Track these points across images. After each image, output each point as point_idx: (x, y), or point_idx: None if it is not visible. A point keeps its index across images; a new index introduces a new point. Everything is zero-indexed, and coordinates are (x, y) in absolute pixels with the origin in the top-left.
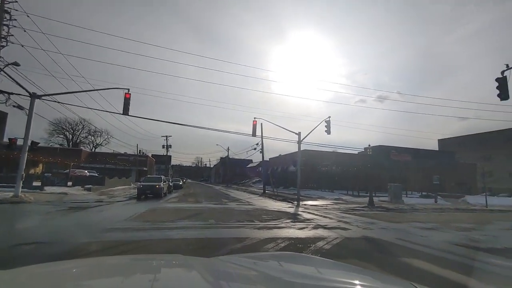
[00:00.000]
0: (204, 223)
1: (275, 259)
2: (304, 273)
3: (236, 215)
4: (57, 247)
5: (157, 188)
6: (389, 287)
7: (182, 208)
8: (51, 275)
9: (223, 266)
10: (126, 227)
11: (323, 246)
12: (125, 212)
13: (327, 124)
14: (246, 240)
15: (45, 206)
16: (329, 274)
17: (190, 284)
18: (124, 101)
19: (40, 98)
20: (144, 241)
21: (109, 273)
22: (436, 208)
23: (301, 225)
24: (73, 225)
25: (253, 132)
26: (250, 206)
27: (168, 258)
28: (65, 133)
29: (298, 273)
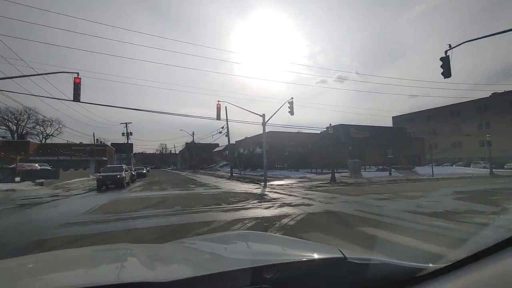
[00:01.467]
0: (169, 210)
1: (232, 238)
2: (247, 251)
3: (203, 199)
4: (7, 248)
5: (118, 178)
6: (316, 254)
7: (146, 197)
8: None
9: (170, 250)
10: (86, 221)
11: (288, 222)
12: (84, 205)
13: (290, 105)
14: (212, 223)
15: None
16: (270, 249)
17: (124, 273)
18: (74, 86)
19: None
20: (106, 233)
21: (45, 268)
22: (390, 180)
23: (267, 205)
24: (24, 223)
25: (217, 116)
26: (218, 190)
27: (113, 248)
28: (7, 124)
29: (242, 250)
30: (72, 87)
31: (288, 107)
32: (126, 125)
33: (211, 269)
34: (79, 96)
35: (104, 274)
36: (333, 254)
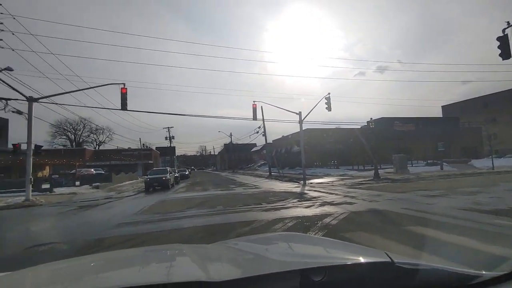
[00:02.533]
0: (212, 210)
1: (275, 240)
2: (292, 252)
3: (243, 199)
4: (70, 246)
5: (164, 179)
6: (363, 258)
7: (190, 197)
8: (54, 274)
9: (218, 251)
10: (137, 221)
11: (330, 222)
12: (134, 206)
13: (327, 101)
14: (254, 223)
15: (56, 208)
16: (313, 251)
17: (178, 273)
18: (121, 96)
19: (37, 101)
20: (155, 233)
21: (105, 267)
22: (442, 175)
23: (307, 204)
24: (84, 223)
25: (253, 116)
26: (257, 189)
27: (166, 248)
28: (67, 134)
29: (288, 253)
30: (120, 97)
31: (325, 103)
32: (169, 129)
33: (259, 270)
34: (126, 104)
35: (160, 272)
36: (379, 258)
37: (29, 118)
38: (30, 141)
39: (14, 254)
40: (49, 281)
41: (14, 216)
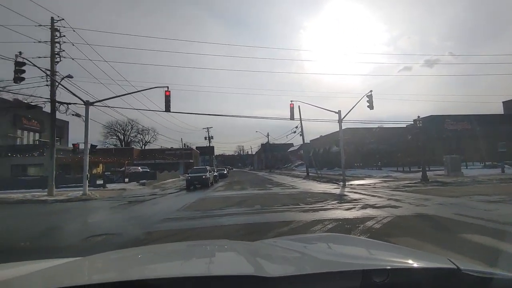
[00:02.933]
0: (250, 209)
1: (317, 240)
2: (343, 253)
3: (281, 199)
4: (122, 237)
5: (204, 178)
6: (424, 263)
7: (229, 196)
8: (116, 261)
9: (265, 248)
10: (180, 217)
11: (373, 225)
12: (177, 203)
13: (369, 98)
14: (292, 223)
15: (108, 202)
16: (367, 253)
17: (232, 266)
18: (165, 98)
19: (93, 104)
20: (197, 228)
21: (161, 258)
22: (504, 178)
23: (348, 206)
24: (134, 217)
25: (291, 116)
26: (294, 190)
27: (215, 243)
28: (117, 134)
29: (337, 253)
30: (164, 99)
31: (367, 101)
32: (208, 129)
33: (315, 268)
34: (169, 106)
35: (214, 266)
36: (443, 264)
37: (86, 120)
38: (87, 141)
39: (74, 243)
40: (106, 269)
41: (74, 208)
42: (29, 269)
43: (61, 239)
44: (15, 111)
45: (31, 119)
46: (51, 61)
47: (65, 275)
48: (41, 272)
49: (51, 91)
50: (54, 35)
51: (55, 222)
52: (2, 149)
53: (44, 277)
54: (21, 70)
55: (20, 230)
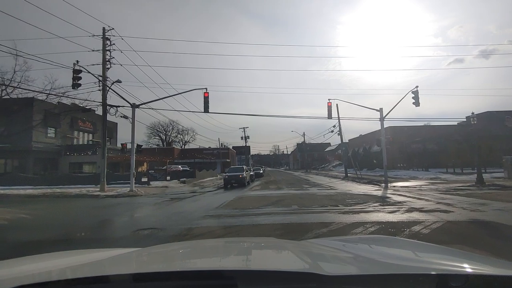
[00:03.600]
0: (287, 208)
1: (365, 241)
2: (399, 255)
3: (318, 200)
4: (167, 232)
5: (240, 177)
6: (498, 270)
7: (265, 195)
8: (166, 254)
9: (314, 247)
10: (219, 214)
11: (420, 230)
12: (215, 201)
13: (415, 95)
14: (331, 225)
15: (152, 198)
16: (429, 257)
17: (288, 263)
18: (204, 100)
19: (138, 107)
20: (236, 226)
21: (218, 252)
22: None
23: (391, 209)
24: (176, 213)
25: (328, 114)
26: (333, 191)
27: (264, 241)
28: (159, 135)
29: (392, 255)
30: (203, 101)
31: (412, 97)
32: (244, 129)
33: (376, 269)
34: (208, 107)
35: (272, 261)
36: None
37: (132, 122)
38: (134, 141)
39: (125, 235)
40: (172, 259)
41: (122, 203)
42: (97, 257)
43: (114, 231)
44: (73, 114)
45: (86, 121)
46: (102, 67)
47: (137, 263)
48: (114, 258)
49: (103, 95)
50: (105, 43)
51: (107, 215)
52: (62, 148)
53: (118, 264)
54: (78, 77)
55: (79, 221)
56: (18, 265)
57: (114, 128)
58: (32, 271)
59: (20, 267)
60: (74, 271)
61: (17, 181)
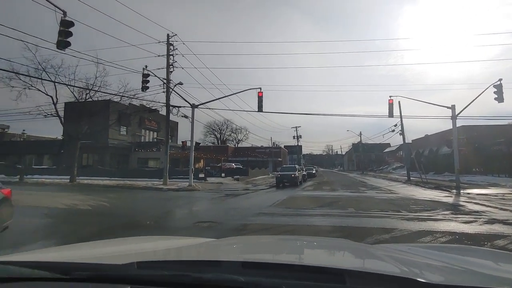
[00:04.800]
0: (343, 211)
1: (446, 250)
2: (496, 267)
3: (377, 203)
4: (223, 226)
5: (293, 177)
6: None
7: (319, 196)
8: (260, 246)
9: (396, 253)
10: (272, 212)
11: (506, 245)
12: (268, 199)
13: (498, 89)
14: (394, 231)
15: (209, 193)
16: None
17: (384, 267)
18: (258, 99)
19: (197, 107)
20: (290, 225)
21: (307, 249)
22: None
23: (466, 218)
24: (231, 208)
25: (389, 113)
26: (393, 195)
27: (341, 241)
28: (214, 133)
29: (487, 266)
30: (257, 100)
31: (494, 92)
32: (296, 128)
33: (480, 282)
34: (262, 107)
35: (367, 263)
36: None
37: (192, 121)
38: (193, 139)
39: (187, 226)
40: (246, 251)
41: (182, 197)
42: (183, 243)
43: (177, 221)
44: (141, 114)
45: (151, 120)
46: (166, 71)
47: (241, 251)
48: (211, 245)
49: (167, 97)
50: (169, 49)
51: (170, 207)
52: (132, 145)
53: (218, 250)
54: (146, 81)
55: (147, 210)
56: (118, 245)
57: (175, 127)
58: (137, 250)
59: (122, 246)
60: (187, 253)
61: (97, 173)
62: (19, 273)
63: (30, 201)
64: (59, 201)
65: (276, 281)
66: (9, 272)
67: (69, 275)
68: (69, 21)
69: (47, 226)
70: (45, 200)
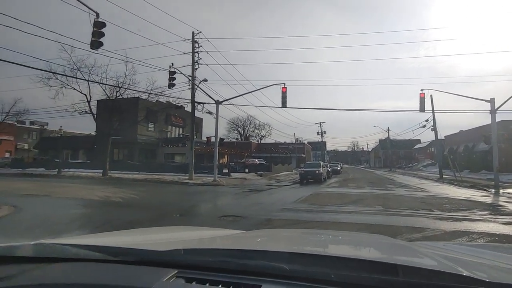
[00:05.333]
0: (370, 209)
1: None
2: None
3: (407, 202)
4: (248, 220)
5: (317, 173)
6: None
7: (344, 193)
8: (299, 238)
9: (438, 250)
10: (297, 208)
11: None
12: (292, 195)
13: None
14: (426, 231)
15: (233, 188)
16: None
17: (437, 264)
18: (282, 95)
19: (221, 103)
20: (315, 222)
21: (350, 243)
22: None
23: (507, 219)
24: (255, 203)
25: (420, 107)
26: (424, 193)
27: (380, 237)
28: (238, 129)
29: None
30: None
31: None
32: (320, 124)
33: None
34: (285, 102)
35: (416, 260)
36: None
37: (216, 117)
38: (217, 135)
39: (212, 219)
40: (278, 242)
41: (207, 191)
42: (216, 234)
43: (202, 214)
44: (167, 111)
45: (177, 117)
46: (191, 68)
47: (283, 242)
48: (248, 236)
49: (192, 93)
50: (194, 46)
51: (196, 201)
52: (159, 141)
53: (257, 240)
54: (173, 78)
55: (174, 203)
56: (156, 233)
57: (200, 123)
58: (177, 238)
59: (161, 234)
60: (230, 243)
61: (127, 167)
62: (75, 254)
63: (68, 193)
64: (93, 193)
65: (326, 270)
66: (66, 253)
67: (120, 258)
68: (102, 22)
69: (84, 215)
70: (80, 192)
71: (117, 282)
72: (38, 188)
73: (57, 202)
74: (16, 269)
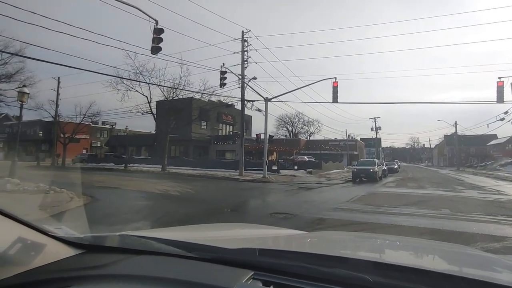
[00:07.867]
0: (435, 212)
1: None
2: None
3: (481, 206)
4: (299, 219)
5: (371, 171)
6: None
7: (403, 194)
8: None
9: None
10: (350, 208)
11: None
12: (344, 194)
13: None
14: (507, 240)
15: (282, 185)
16: None
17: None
18: (333, 89)
19: (270, 100)
20: (371, 223)
21: (431, 253)
22: None
23: None
24: (305, 201)
25: (498, 97)
26: (503, 196)
27: (462, 248)
28: (286, 126)
29: None
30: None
31: None
32: (375, 119)
33: None
34: (337, 97)
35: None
36: None
37: (265, 114)
38: (266, 132)
39: (263, 216)
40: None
41: (257, 188)
42: (279, 233)
43: (253, 211)
44: (218, 110)
45: (228, 115)
46: (241, 67)
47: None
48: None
49: (242, 92)
50: (243, 45)
51: (246, 197)
52: (211, 138)
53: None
54: (224, 77)
55: (226, 199)
56: (220, 229)
57: (249, 120)
58: (243, 236)
59: (226, 231)
60: (306, 246)
61: (183, 163)
62: (157, 248)
63: (134, 186)
64: (154, 186)
65: (417, 286)
66: (148, 246)
67: (197, 255)
68: (160, 29)
69: (147, 207)
70: (143, 185)
71: (202, 279)
72: (109, 181)
73: (125, 193)
74: (108, 258)
